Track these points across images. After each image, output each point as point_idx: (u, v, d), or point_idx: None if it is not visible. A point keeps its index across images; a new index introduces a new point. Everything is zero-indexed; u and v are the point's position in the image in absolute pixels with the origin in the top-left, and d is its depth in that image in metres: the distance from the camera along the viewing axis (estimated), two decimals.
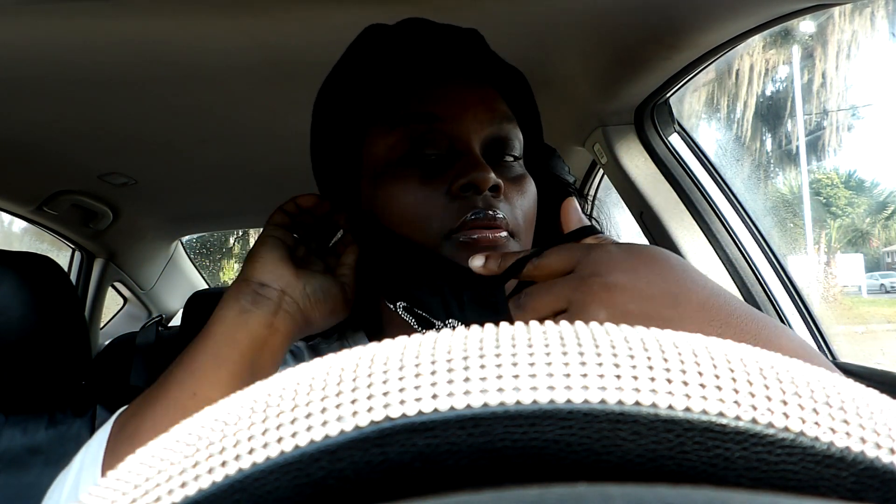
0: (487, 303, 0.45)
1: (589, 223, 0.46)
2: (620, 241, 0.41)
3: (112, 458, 0.44)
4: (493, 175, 0.48)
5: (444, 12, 0.63)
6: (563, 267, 0.39)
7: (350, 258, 0.55)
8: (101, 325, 2.15)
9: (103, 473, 0.44)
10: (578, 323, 0.14)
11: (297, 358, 0.59)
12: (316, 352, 0.61)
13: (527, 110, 0.59)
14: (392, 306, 0.53)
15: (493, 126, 0.52)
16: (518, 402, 0.11)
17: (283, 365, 0.57)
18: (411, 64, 0.54)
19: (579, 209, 0.47)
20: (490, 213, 0.48)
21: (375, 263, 0.54)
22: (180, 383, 0.46)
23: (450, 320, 0.48)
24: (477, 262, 0.44)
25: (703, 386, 0.12)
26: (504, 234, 0.48)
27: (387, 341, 0.14)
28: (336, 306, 0.52)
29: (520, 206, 0.52)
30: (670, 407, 0.11)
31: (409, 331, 0.52)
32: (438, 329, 0.48)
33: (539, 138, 0.61)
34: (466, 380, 0.12)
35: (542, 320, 0.42)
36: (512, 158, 0.54)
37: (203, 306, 1.67)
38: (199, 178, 1.58)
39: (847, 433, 0.11)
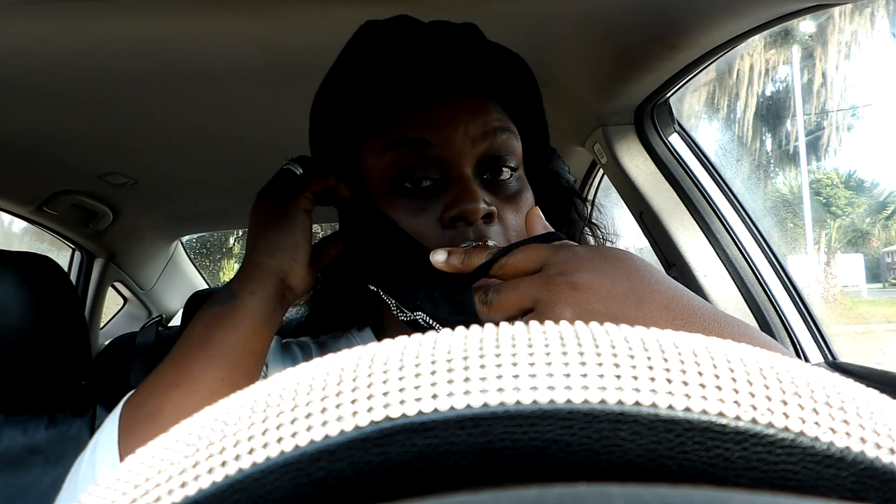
0: (455, 301, 0.44)
1: (553, 230, 0.46)
2: (585, 245, 0.41)
3: (130, 436, 0.44)
4: (483, 205, 0.48)
5: (442, 11, 0.62)
6: (531, 266, 0.39)
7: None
8: (101, 325, 2.15)
9: (122, 457, 0.43)
10: (578, 323, 0.14)
11: (305, 351, 0.60)
12: (323, 347, 0.61)
13: (529, 107, 0.57)
14: (374, 289, 0.53)
15: (486, 143, 0.51)
16: (518, 402, 0.11)
17: (291, 359, 0.58)
18: (403, 74, 0.53)
19: (542, 217, 0.47)
20: (481, 243, 0.47)
21: (365, 248, 0.54)
22: (204, 367, 0.46)
23: (418, 313, 0.48)
24: (439, 258, 0.43)
25: (703, 386, 0.12)
26: None
27: (387, 341, 0.14)
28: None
29: (514, 225, 0.51)
30: (670, 407, 0.11)
31: (407, 329, 0.52)
32: (413, 317, 0.48)
33: (543, 135, 0.59)
34: (466, 380, 0.12)
35: (509, 319, 0.42)
36: (508, 173, 0.53)
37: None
38: (199, 178, 1.58)
39: (847, 433, 0.11)
